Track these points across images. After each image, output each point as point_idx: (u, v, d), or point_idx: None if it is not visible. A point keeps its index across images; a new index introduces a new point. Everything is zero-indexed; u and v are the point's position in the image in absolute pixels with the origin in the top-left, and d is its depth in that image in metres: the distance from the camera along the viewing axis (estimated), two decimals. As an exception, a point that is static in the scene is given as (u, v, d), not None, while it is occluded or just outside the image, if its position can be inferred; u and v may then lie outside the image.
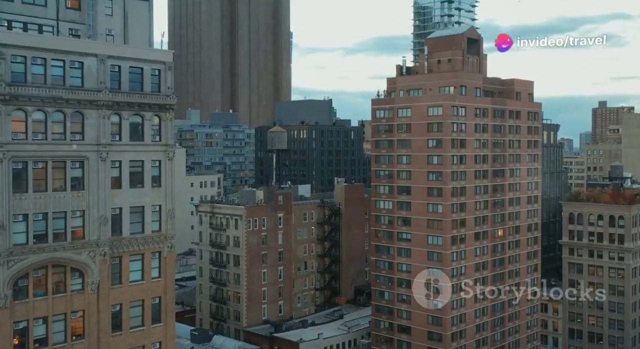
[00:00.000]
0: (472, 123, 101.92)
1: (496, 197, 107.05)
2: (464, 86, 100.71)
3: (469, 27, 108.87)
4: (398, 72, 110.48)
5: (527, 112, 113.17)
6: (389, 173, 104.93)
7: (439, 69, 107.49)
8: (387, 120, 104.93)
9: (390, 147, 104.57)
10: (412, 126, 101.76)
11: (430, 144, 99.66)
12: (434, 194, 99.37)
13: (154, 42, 59.39)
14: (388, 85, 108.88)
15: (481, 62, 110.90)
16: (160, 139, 56.76)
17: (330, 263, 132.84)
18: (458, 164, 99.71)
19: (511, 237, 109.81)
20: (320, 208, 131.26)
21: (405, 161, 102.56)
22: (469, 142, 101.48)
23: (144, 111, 55.27)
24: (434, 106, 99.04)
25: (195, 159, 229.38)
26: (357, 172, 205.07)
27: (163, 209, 57.44)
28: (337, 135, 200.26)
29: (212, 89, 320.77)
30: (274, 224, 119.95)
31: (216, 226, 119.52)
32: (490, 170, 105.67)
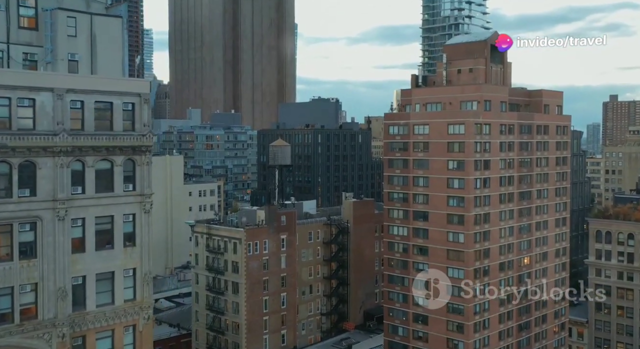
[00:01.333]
0: (496, 142, 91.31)
1: (522, 222, 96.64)
2: (488, 101, 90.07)
3: (492, 33, 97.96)
4: (413, 83, 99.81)
5: (556, 126, 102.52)
6: (404, 196, 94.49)
7: (459, 80, 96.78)
8: (402, 137, 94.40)
9: (405, 168, 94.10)
10: (430, 144, 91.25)
11: (451, 166, 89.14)
12: (454, 221, 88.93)
13: (126, 68, 48.87)
14: (402, 97, 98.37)
15: (505, 71, 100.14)
16: (135, 187, 46.49)
17: (338, 285, 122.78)
18: (482, 188, 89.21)
19: (538, 265, 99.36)
20: (327, 227, 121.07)
21: (422, 183, 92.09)
22: (494, 163, 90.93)
23: (114, 155, 44.99)
24: (455, 123, 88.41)
25: (195, 162, 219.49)
26: (364, 177, 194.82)
27: (138, 273, 47.06)
28: (344, 139, 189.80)
29: (213, 86, 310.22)
30: (277, 247, 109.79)
31: (213, 249, 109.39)
32: (516, 193, 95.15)
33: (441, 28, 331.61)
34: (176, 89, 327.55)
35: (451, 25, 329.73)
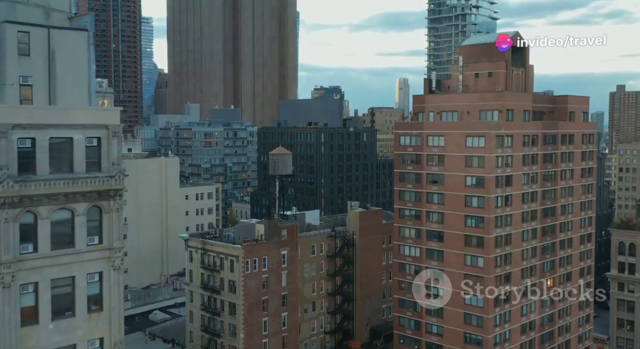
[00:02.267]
0: (519, 155, 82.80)
1: (546, 241, 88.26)
2: (510, 110, 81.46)
3: (512, 33, 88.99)
4: (426, 88, 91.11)
5: (582, 134, 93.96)
6: (416, 213, 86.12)
7: (477, 85, 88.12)
8: (415, 148, 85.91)
9: (417, 182, 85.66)
10: (446, 158, 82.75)
11: (469, 182, 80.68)
12: (472, 243, 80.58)
13: (93, 93, 40.34)
14: (414, 104, 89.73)
15: (527, 75, 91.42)
16: (102, 240, 38.10)
17: (342, 301, 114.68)
18: (503, 207, 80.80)
19: (562, 286, 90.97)
20: (331, 239, 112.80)
21: (437, 200, 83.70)
22: (516, 179, 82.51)
23: (75, 202, 36.65)
24: (475, 135, 79.89)
25: (194, 161, 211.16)
26: (369, 177, 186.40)
27: (107, 344, 38.69)
28: (348, 138, 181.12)
29: (213, 79, 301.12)
30: (277, 264, 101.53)
31: (209, 266, 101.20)
32: (539, 210, 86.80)
33: (447, 18, 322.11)
34: (175, 81, 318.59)
35: (458, 16, 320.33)
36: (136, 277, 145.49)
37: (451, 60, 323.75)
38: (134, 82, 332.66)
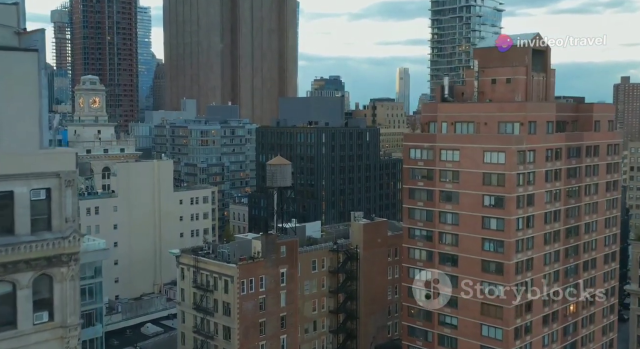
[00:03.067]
0: (542, 171, 75.13)
1: (569, 264, 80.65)
2: (533, 122, 73.58)
3: (533, 35, 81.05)
4: (438, 95, 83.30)
5: (607, 145, 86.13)
6: (427, 234, 78.49)
7: (494, 92, 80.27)
8: (426, 163, 78.13)
9: (429, 200, 77.97)
10: (461, 174, 75.03)
11: (487, 202, 73.01)
12: (490, 270, 73.02)
13: (45, 128, 32.47)
14: (425, 112, 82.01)
15: (548, 81, 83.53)
16: (53, 317, 30.48)
17: (345, 319, 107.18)
18: (524, 229, 73.18)
19: (585, 311, 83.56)
20: (333, 253, 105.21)
21: (451, 220, 76.05)
22: (539, 197, 74.85)
23: (17, 272, 29.01)
24: (494, 150, 72.13)
25: (190, 160, 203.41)
26: (372, 178, 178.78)
27: None
28: (350, 137, 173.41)
29: (210, 73, 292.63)
30: (275, 283, 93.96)
31: (201, 286, 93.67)
32: (562, 230, 79.23)
33: (451, 10, 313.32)
34: (171, 75, 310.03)
35: (462, 7, 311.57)
36: (128, 286, 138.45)
37: (455, 53, 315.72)
38: (130, 76, 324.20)
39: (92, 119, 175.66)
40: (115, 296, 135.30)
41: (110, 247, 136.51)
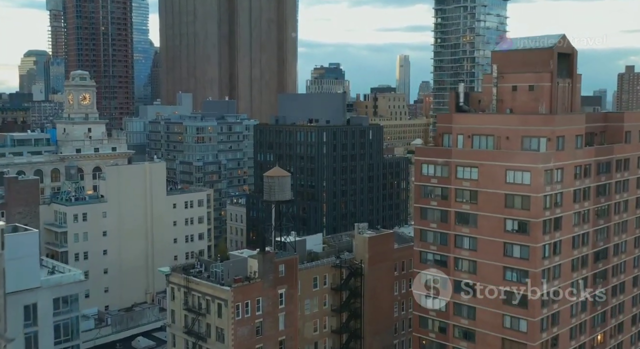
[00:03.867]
0: (570, 190, 67.43)
1: (597, 290, 72.92)
2: (561, 137, 65.60)
3: (559, 37, 73.02)
4: (452, 103, 75.31)
5: (638, 158, 78.17)
6: (441, 259, 70.85)
7: (514, 100, 72.45)
8: (440, 180, 70.33)
9: (443, 222, 70.25)
10: (480, 194, 67.27)
11: (510, 226, 65.32)
12: (513, 302, 65.34)
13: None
14: (439, 123, 74.21)
15: (574, 87, 75.57)
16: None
17: (349, 339, 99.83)
18: (551, 257, 65.43)
19: (613, 340, 75.98)
20: (336, 269, 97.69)
21: (468, 245, 68.38)
22: (566, 220, 67.15)
23: None
24: (517, 168, 64.36)
25: (185, 158, 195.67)
26: (375, 179, 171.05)
27: None
28: (352, 136, 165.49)
29: (208, 64, 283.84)
30: (273, 305, 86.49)
31: (193, 308, 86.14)
32: (590, 254, 71.59)
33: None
34: (167, 67, 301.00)
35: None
36: (118, 296, 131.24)
37: (459, 43, 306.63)
38: (125, 67, 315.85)
39: (82, 116, 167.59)
40: (105, 307, 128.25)
41: (99, 255, 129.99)
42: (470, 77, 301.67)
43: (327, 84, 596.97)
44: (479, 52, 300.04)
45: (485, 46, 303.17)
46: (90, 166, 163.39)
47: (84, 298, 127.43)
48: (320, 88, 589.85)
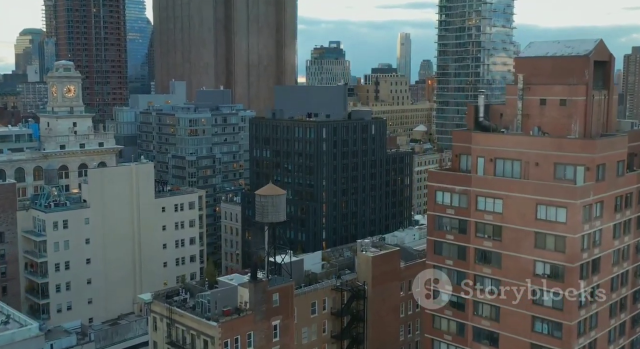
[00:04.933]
0: (610, 226, 57.84)
1: (636, 334, 63.64)
2: (602, 165, 55.84)
3: (595, 42, 63.03)
4: (471, 118, 65.45)
5: (683, 180, 68.34)
6: (458, 302, 61.40)
7: (542, 116, 62.65)
8: (458, 211, 60.77)
9: (461, 259, 60.88)
10: (505, 231, 57.74)
11: (540, 270, 55.97)
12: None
13: None
14: (455, 141, 64.32)
15: (610, 99, 65.65)
16: None
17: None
18: (587, 305, 55.93)
19: (650, 388, 66.80)
20: (337, 292, 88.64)
21: (490, 287, 58.92)
22: (605, 261, 57.86)
23: None
24: (551, 203, 54.78)
25: (177, 151, 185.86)
26: (378, 176, 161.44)
27: None
28: (354, 131, 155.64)
29: (203, 49, 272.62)
30: (267, 339, 77.60)
31: (177, 343, 77.24)
32: (629, 295, 62.14)
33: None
34: (161, 51, 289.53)
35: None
36: (103, 307, 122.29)
37: (464, 27, 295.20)
38: (118, 51, 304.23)
39: (67, 110, 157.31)
40: (89, 319, 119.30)
41: (82, 264, 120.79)
42: (476, 61, 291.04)
43: (327, 65, 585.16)
44: (484, 35, 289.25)
45: (491, 29, 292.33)
46: (76, 163, 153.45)
47: (66, 310, 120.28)
48: (320, 69, 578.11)
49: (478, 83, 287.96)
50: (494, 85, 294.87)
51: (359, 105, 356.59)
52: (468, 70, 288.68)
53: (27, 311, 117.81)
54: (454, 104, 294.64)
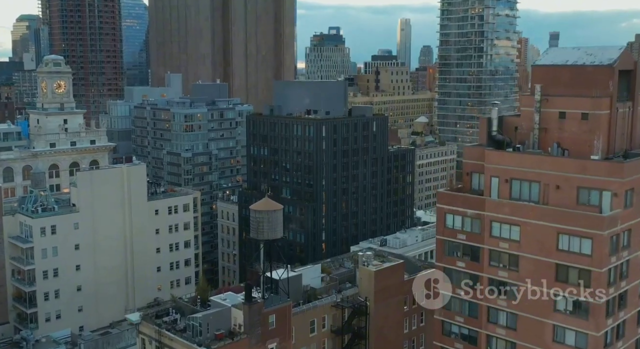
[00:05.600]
0: (637, 255, 52.38)
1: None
2: (630, 190, 50.56)
3: (620, 49, 57.62)
4: (485, 133, 60.11)
5: None
6: (470, 334, 56.21)
7: (562, 130, 57.29)
8: (470, 237, 55.57)
9: (472, 289, 55.34)
10: (522, 261, 52.61)
11: (562, 305, 50.83)
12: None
13: None
14: (466, 158, 59.04)
15: (635, 111, 60.30)
16: None
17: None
18: (613, 344, 50.83)
19: None
20: (337, 309, 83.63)
21: (504, 321, 53.99)
22: (632, 294, 52.83)
23: None
24: (574, 233, 49.58)
25: (173, 148, 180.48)
26: (379, 174, 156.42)
27: None
28: (354, 129, 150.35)
29: (200, 39, 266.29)
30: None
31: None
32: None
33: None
34: (157, 41, 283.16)
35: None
36: (94, 315, 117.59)
37: (467, 16, 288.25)
38: (113, 41, 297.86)
39: (57, 106, 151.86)
40: (79, 327, 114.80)
41: (72, 271, 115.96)
42: (479, 52, 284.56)
43: (327, 52, 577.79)
44: (487, 25, 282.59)
45: (494, 19, 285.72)
46: (67, 161, 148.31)
47: (55, 319, 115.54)
48: (320, 56, 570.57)
49: (481, 74, 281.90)
50: (497, 76, 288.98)
51: (359, 95, 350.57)
52: (471, 60, 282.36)
53: (15, 319, 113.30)
54: (455, 95, 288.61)
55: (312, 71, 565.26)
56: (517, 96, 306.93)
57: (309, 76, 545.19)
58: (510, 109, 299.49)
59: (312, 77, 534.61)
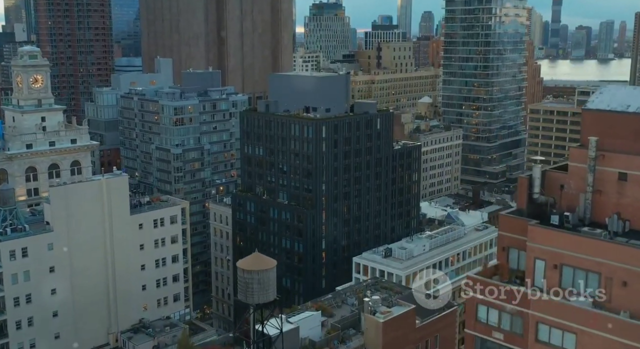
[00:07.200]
0: None
1: None
2: None
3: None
4: (524, 196, 48.56)
5: None
6: None
7: (623, 195, 46.13)
8: (508, 338, 44.41)
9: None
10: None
11: None
12: None
13: None
14: (502, 230, 47.70)
15: None
16: None
17: None
18: None
19: None
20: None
21: None
22: None
23: None
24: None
25: (162, 142, 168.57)
26: (383, 175, 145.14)
27: None
28: (357, 128, 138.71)
29: (192, 17, 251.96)
30: None
31: None
32: None
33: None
34: (147, 19, 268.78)
35: None
36: (72, 341, 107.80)
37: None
38: (102, 18, 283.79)
39: (34, 103, 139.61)
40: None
41: (46, 296, 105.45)
42: (486, 30, 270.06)
43: (327, 21, 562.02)
44: (496, 2, 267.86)
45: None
46: (45, 163, 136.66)
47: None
48: (319, 26, 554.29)
49: (488, 53, 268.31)
50: (505, 55, 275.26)
51: (360, 73, 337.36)
52: (477, 39, 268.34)
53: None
54: (460, 75, 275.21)
55: (311, 41, 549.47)
56: (524, 74, 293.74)
57: (308, 46, 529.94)
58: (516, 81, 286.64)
59: (311, 47, 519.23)
